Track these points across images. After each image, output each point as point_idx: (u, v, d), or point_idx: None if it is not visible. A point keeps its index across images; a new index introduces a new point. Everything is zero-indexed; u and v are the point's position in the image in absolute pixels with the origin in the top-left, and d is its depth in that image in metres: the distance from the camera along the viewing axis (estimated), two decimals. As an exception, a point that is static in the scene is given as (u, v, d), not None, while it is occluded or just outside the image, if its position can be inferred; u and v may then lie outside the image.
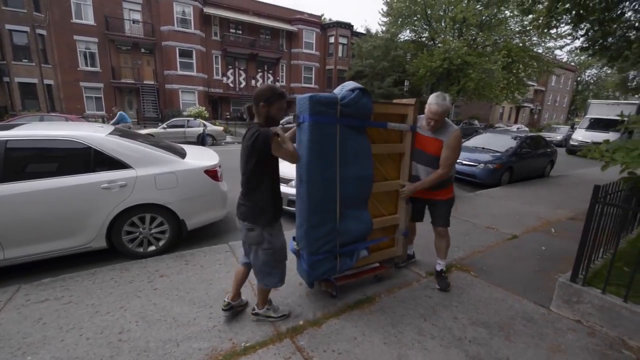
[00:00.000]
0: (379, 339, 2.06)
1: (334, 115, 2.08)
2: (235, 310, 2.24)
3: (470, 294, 2.64)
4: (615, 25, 11.00)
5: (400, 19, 22.41)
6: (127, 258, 3.14)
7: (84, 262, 3.10)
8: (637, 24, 10.83)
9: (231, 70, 24.09)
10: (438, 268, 2.81)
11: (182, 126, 13.36)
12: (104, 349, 1.91)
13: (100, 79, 19.83)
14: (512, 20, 21.31)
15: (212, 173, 3.61)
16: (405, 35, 24.13)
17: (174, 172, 3.31)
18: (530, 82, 24.87)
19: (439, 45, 20.80)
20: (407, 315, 2.32)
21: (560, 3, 8.15)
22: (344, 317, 2.27)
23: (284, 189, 4.47)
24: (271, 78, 25.63)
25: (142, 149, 3.25)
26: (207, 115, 18.92)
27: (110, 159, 3.03)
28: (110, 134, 3.23)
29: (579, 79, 46.83)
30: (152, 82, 20.82)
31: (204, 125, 13.63)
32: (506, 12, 21.08)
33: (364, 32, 25.55)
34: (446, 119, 2.52)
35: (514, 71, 21.60)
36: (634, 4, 10.71)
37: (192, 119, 14.29)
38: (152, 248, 3.32)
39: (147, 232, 3.26)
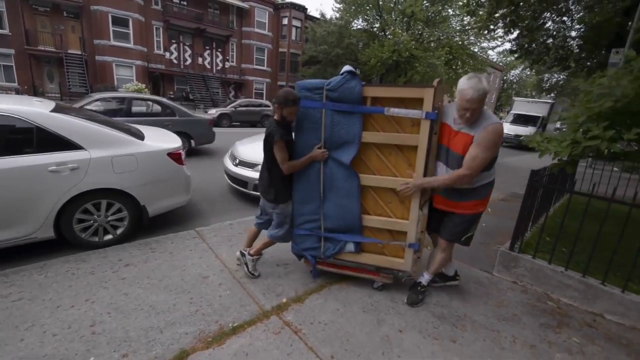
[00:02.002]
0: (358, 308, 2.25)
1: (319, 100, 2.15)
2: (241, 261, 2.63)
3: (430, 266, 2.98)
4: (538, 33, 12.63)
5: (354, 7, 22.70)
6: (79, 249, 2.85)
7: (25, 256, 2.74)
8: (554, 34, 12.55)
9: (175, 45, 22.08)
10: (419, 279, 2.43)
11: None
12: (76, 343, 1.78)
13: (10, 44, 16.65)
14: (453, 19, 23.04)
15: (175, 156, 3.40)
16: (358, 23, 24.56)
17: (134, 154, 3.06)
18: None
19: (390, 36, 21.64)
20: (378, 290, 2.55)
21: (498, 10, 9.10)
22: (324, 292, 2.41)
23: (248, 173, 4.45)
24: (220, 56, 24.14)
25: (95, 129, 2.92)
26: (147, 94, 17.21)
27: (58, 138, 2.68)
28: (54, 110, 2.84)
29: (505, 78, 52.64)
30: (79, 52, 18.12)
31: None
32: (449, 10, 22.70)
33: (319, 16, 25.27)
34: (485, 107, 1.97)
35: (454, 67, 23.57)
36: (553, 15, 12.34)
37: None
38: (109, 237, 3.06)
39: (102, 220, 2.99)
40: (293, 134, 2.27)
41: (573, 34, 12.78)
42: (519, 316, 2.29)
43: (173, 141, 3.62)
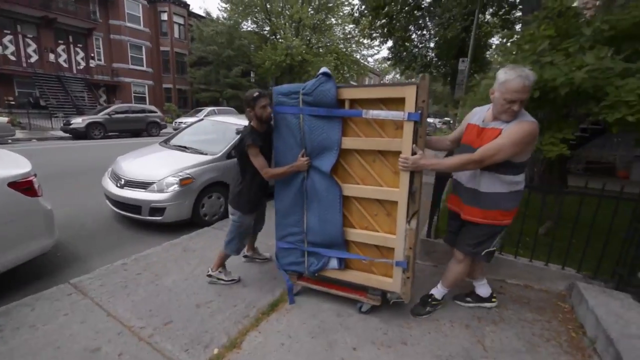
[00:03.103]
0: (305, 334, 2.00)
1: (296, 105, 2.04)
2: (249, 259, 2.92)
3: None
4: (407, 44, 14.82)
5: (242, 8, 22.09)
6: None
7: None
8: (419, 45, 14.93)
9: (10, 37, 16.92)
10: (432, 291, 2.26)
11: None
12: None
13: None
14: (337, 27, 25.01)
15: (22, 186, 2.44)
16: (248, 25, 24.04)
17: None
18: (352, 82, 30.10)
19: (281, 40, 21.91)
20: (322, 304, 2.36)
21: (377, 20, 10.25)
22: (263, 326, 2.07)
23: (140, 195, 3.62)
24: (81, 53, 19.81)
25: None
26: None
27: None
28: None
29: (381, 82, 60.52)
30: None
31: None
32: (332, 19, 24.52)
33: (204, 15, 23.53)
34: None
35: (341, 72, 25.61)
36: (416, 29, 14.64)
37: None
38: None
39: None
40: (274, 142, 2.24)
41: (432, 45, 15.53)
42: (446, 299, 2.45)
43: (17, 165, 2.59)
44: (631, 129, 2.18)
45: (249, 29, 23.91)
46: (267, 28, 24.00)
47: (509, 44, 2.76)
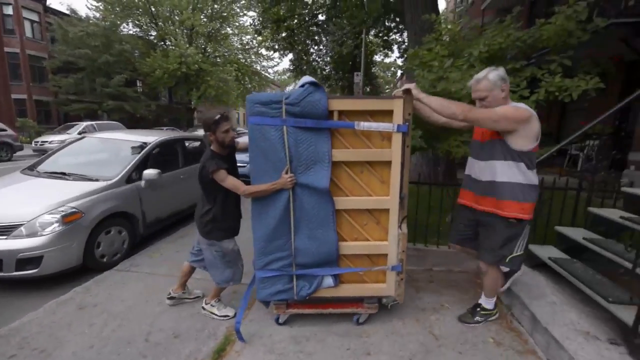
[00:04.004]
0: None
1: (278, 116, 1.85)
2: (178, 301, 2.46)
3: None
4: (306, 57, 15.59)
5: (119, 8, 19.30)
6: None
7: None
8: (317, 59, 15.89)
9: None
10: (480, 301, 2.24)
11: None
12: None
13: None
14: (234, 37, 24.38)
15: None
16: (129, 28, 21.15)
17: None
18: (255, 93, 29.64)
19: (172, 47, 20.02)
20: (274, 335, 2.14)
21: (279, 33, 10.45)
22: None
23: (4, 243, 2.65)
24: None
25: None
26: None
27: None
28: None
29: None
30: None
31: None
32: (228, 29, 23.80)
33: (67, 12, 19.54)
34: (512, 101, 1.92)
35: (243, 83, 25.08)
36: (312, 42, 15.54)
37: None
38: None
39: None
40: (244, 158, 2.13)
41: (329, 59, 16.77)
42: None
43: None
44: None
45: (130, 32, 21.03)
46: (154, 33, 21.59)
47: (416, 63, 3.11)
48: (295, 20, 10.34)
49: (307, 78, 1.92)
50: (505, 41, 2.84)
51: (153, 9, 20.19)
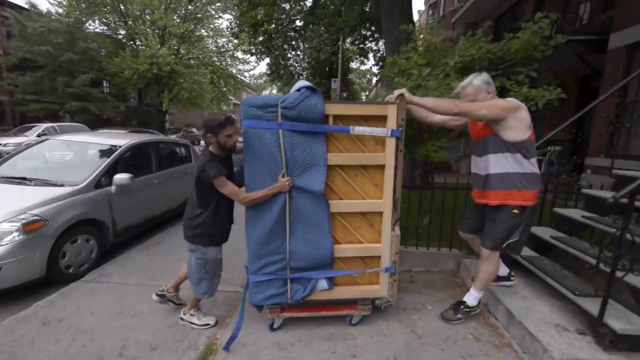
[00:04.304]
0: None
1: (274, 119, 1.86)
2: (165, 300, 2.32)
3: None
4: (283, 62, 15.58)
5: (84, 4, 18.29)
6: None
7: None
8: (295, 64, 15.95)
9: None
10: (465, 298, 2.25)
11: None
12: None
13: None
14: (209, 40, 23.88)
15: None
16: (96, 26, 20.08)
17: None
18: (230, 97, 29.11)
19: (142, 47, 19.22)
20: (258, 342, 2.09)
21: (256, 37, 10.38)
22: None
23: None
24: None
25: None
26: None
27: None
28: None
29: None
30: None
31: None
32: (202, 30, 23.27)
33: (26, 6, 18.17)
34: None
35: (218, 86, 24.57)
36: (289, 47, 15.58)
37: None
38: None
39: None
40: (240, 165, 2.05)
41: (306, 65, 16.86)
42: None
43: None
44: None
45: (97, 30, 19.96)
46: (123, 32, 20.65)
47: (395, 71, 3.22)
48: (273, 25, 10.33)
49: (303, 82, 1.96)
50: (477, 52, 3.02)
51: (122, 7, 19.34)
